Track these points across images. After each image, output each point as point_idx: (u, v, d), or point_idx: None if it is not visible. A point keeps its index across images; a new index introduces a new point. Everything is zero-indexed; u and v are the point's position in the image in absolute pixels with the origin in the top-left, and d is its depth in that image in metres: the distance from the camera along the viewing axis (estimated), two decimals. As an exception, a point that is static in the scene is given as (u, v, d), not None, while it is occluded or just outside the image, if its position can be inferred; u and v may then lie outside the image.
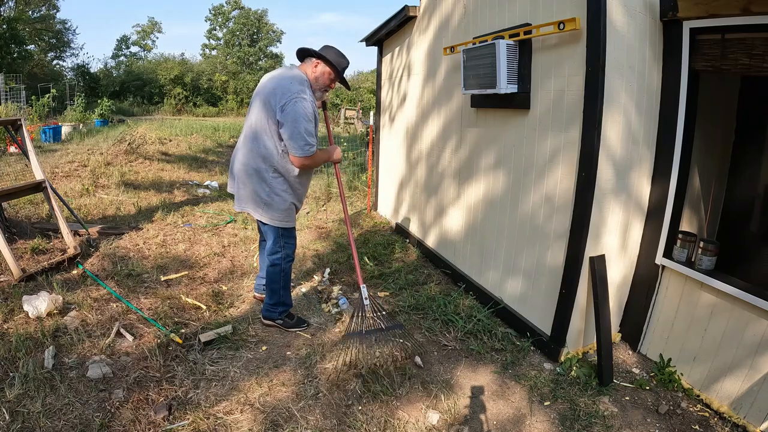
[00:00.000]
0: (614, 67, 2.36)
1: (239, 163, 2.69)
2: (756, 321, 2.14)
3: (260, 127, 2.61)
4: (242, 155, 2.68)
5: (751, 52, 2.13)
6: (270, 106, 2.54)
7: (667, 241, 2.59)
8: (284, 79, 2.59)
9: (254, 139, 2.63)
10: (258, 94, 2.65)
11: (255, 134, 2.62)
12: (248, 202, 2.72)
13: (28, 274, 3.31)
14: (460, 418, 2.24)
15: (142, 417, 2.10)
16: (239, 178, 2.70)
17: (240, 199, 2.74)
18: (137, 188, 6.49)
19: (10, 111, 11.39)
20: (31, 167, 3.98)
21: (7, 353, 2.43)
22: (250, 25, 34.36)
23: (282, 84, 2.56)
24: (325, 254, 4.34)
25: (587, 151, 2.41)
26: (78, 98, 16.31)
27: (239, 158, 2.70)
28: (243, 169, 2.67)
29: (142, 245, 4.25)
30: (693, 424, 2.22)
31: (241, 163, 2.68)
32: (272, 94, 2.55)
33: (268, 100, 2.56)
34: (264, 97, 2.58)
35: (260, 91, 2.64)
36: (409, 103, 4.62)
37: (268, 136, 2.59)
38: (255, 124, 2.62)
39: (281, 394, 2.34)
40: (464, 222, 3.65)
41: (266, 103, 2.56)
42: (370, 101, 25.02)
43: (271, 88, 2.58)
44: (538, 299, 2.85)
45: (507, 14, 2.98)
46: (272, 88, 2.57)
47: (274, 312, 2.93)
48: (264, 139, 2.60)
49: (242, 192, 2.72)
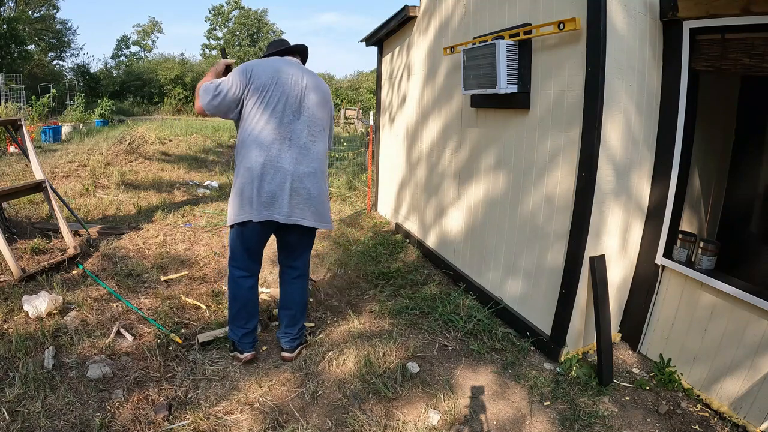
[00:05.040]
0: (614, 68, 2.36)
1: (306, 168, 2.35)
2: (756, 321, 2.14)
3: (323, 126, 2.47)
4: (312, 159, 2.37)
5: (751, 52, 2.12)
6: (330, 106, 2.51)
7: (667, 241, 2.59)
8: (315, 75, 2.49)
9: (320, 140, 2.44)
10: (307, 88, 2.38)
11: (319, 133, 2.43)
12: (317, 214, 2.43)
13: (28, 274, 3.31)
14: (460, 418, 2.24)
15: (142, 417, 2.09)
16: (313, 187, 2.37)
17: (304, 211, 2.37)
18: (137, 188, 6.49)
19: (10, 111, 11.39)
20: (31, 167, 3.98)
21: (7, 353, 2.43)
22: (250, 25, 34.39)
23: (323, 83, 2.50)
24: (324, 254, 4.34)
25: (587, 151, 2.41)
26: (78, 98, 16.32)
27: (306, 163, 2.35)
28: (313, 173, 2.38)
29: (142, 245, 4.25)
30: (693, 424, 2.22)
31: (315, 168, 2.39)
32: (326, 93, 2.49)
33: (327, 100, 2.48)
34: (322, 95, 2.44)
35: (308, 85, 2.38)
36: (409, 103, 4.62)
37: (326, 134, 2.50)
38: (317, 121, 2.42)
39: (281, 394, 2.34)
40: (464, 222, 3.65)
41: (327, 102, 2.47)
42: (370, 101, 25.04)
43: (316, 85, 2.43)
44: (538, 299, 2.85)
45: (507, 14, 2.98)
46: (317, 85, 2.44)
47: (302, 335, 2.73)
48: (324, 138, 2.48)
49: (314, 202, 2.39)
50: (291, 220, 2.34)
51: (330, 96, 2.54)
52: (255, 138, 2.28)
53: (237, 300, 2.48)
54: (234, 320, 2.52)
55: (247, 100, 2.29)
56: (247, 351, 2.54)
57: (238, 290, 2.47)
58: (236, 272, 2.48)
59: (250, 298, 2.51)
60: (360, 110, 20.73)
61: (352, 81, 32.19)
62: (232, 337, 2.56)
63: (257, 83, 2.27)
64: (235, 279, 2.48)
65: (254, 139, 2.28)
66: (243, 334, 2.52)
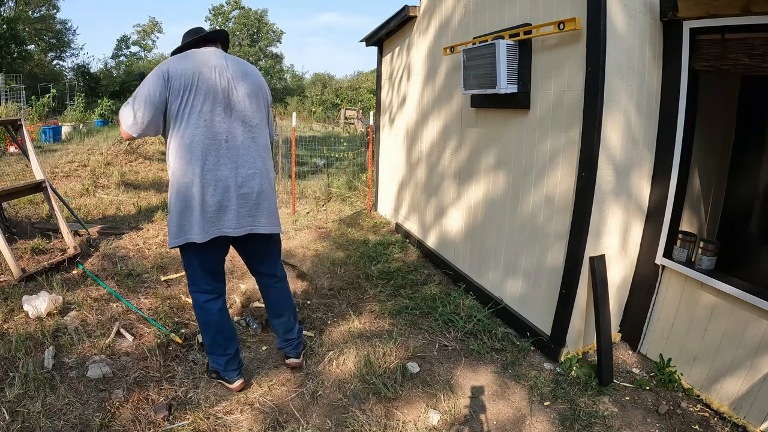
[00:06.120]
0: (614, 68, 2.36)
1: (249, 170, 2.11)
2: (756, 321, 2.14)
3: (261, 118, 2.21)
4: (253, 159, 2.14)
5: (751, 52, 2.12)
6: (264, 93, 2.24)
7: (667, 241, 2.59)
8: (241, 61, 2.23)
9: (259, 134, 2.19)
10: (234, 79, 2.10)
11: (257, 128, 2.19)
12: (270, 216, 2.23)
13: (28, 274, 3.31)
14: (460, 418, 2.24)
15: (142, 417, 2.10)
16: (260, 190, 2.16)
17: (256, 217, 2.16)
18: (137, 188, 6.49)
19: (10, 111, 11.38)
20: (31, 167, 3.98)
21: (7, 353, 2.43)
22: (250, 25, 34.36)
23: (252, 68, 2.24)
24: (324, 254, 4.34)
25: (587, 151, 2.41)
26: (78, 98, 16.32)
27: (248, 165, 2.11)
28: (262, 174, 2.18)
29: (142, 245, 4.25)
30: (693, 424, 2.22)
31: (259, 168, 2.16)
32: (257, 79, 2.21)
33: (259, 86, 2.21)
34: (252, 83, 2.17)
35: (235, 75, 2.11)
36: (409, 103, 4.62)
37: (265, 127, 2.25)
38: (253, 114, 2.16)
39: (281, 394, 2.34)
40: (464, 222, 3.65)
41: (259, 89, 2.21)
42: (370, 101, 25.03)
43: (244, 72, 2.17)
44: (538, 299, 2.85)
45: (507, 14, 2.98)
46: (246, 72, 2.17)
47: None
48: (264, 132, 2.23)
49: (264, 206, 2.18)
50: (244, 230, 2.12)
51: (262, 81, 2.26)
52: (187, 147, 2.00)
53: (209, 326, 2.23)
54: (212, 349, 2.28)
55: (169, 107, 2.00)
56: (236, 379, 2.30)
57: (207, 316, 2.21)
58: (200, 297, 2.21)
59: (223, 322, 2.25)
60: (360, 110, 20.74)
61: (352, 81, 32.18)
62: (216, 367, 2.31)
63: (176, 85, 1.98)
64: (200, 305, 2.21)
65: (186, 149, 2.00)
66: (226, 362, 2.27)
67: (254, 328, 2.94)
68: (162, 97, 1.98)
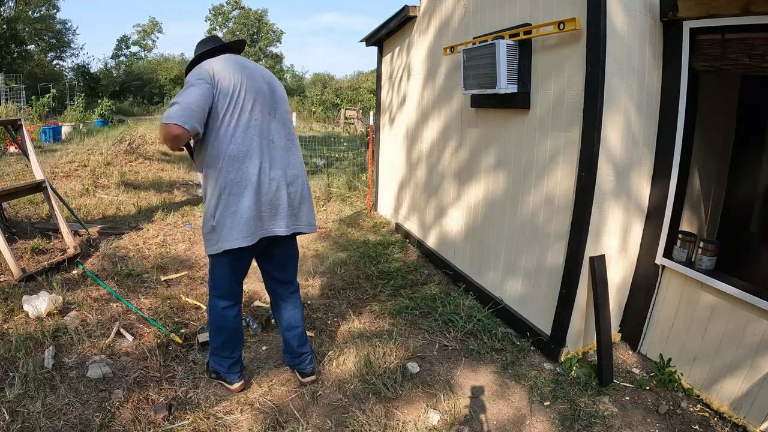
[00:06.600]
0: (614, 68, 2.36)
1: (293, 170, 2.16)
2: (756, 321, 2.14)
3: (290, 120, 2.26)
4: (296, 159, 2.20)
5: (751, 52, 2.12)
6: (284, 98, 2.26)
7: (667, 241, 2.59)
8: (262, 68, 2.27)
9: (294, 135, 2.26)
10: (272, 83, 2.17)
11: (291, 128, 2.25)
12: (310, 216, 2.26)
13: (28, 274, 3.31)
14: (460, 418, 2.24)
15: (142, 417, 2.10)
16: (303, 190, 2.21)
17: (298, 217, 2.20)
18: (137, 188, 6.49)
19: (10, 111, 11.38)
20: (31, 167, 3.98)
21: (7, 353, 2.43)
22: (250, 25, 34.37)
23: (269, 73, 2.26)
24: (324, 254, 4.34)
25: (587, 151, 2.41)
26: (78, 98, 16.31)
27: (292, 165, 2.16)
28: (303, 175, 2.23)
29: (142, 245, 4.25)
30: (693, 424, 2.22)
31: (301, 169, 2.22)
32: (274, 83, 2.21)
33: (282, 90, 2.25)
34: (279, 87, 2.23)
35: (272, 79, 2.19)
36: (409, 103, 4.62)
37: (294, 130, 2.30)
38: (287, 116, 2.23)
39: (281, 394, 2.34)
40: (464, 222, 3.65)
41: (283, 92, 2.26)
42: (370, 101, 25.02)
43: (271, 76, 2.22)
44: (538, 299, 2.85)
45: (507, 14, 2.98)
46: (272, 76, 2.23)
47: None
48: (295, 134, 2.29)
49: (305, 206, 2.23)
50: (291, 229, 2.15)
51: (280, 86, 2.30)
52: (238, 148, 1.98)
53: (222, 331, 2.24)
54: (218, 351, 2.28)
55: (216, 105, 1.95)
56: (237, 380, 2.33)
57: (223, 322, 2.23)
58: (220, 303, 2.21)
59: (237, 328, 2.27)
60: (360, 110, 20.73)
61: (352, 81, 32.16)
62: (217, 368, 2.32)
63: (225, 83, 1.95)
64: (219, 310, 2.21)
65: (237, 150, 1.98)
66: (230, 365, 2.29)
67: (254, 328, 2.94)
68: (210, 92, 1.92)
